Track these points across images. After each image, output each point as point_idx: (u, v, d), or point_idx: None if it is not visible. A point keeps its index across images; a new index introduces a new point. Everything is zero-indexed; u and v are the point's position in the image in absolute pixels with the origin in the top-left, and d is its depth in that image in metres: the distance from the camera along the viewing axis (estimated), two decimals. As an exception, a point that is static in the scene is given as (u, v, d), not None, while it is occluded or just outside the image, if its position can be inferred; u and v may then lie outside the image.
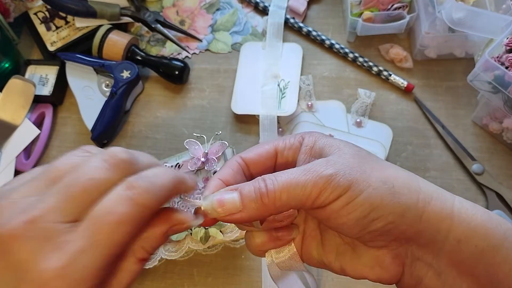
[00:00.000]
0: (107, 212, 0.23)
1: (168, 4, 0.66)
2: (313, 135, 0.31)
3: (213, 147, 0.48)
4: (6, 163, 0.56)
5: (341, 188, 0.27)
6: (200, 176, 0.48)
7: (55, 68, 0.60)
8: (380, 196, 0.28)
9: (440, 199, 0.29)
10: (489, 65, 0.48)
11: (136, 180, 0.24)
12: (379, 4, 0.58)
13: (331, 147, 0.30)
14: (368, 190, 0.27)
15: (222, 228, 0.46)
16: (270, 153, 0.32)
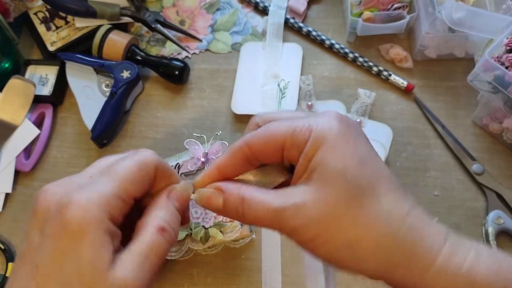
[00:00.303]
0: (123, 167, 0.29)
1: (168, 4, 0.67)
2: (315, 144, 0.29)
3: (213, 147, 0.48)
4: (6, 163, 0.56)
5: (302, 239, 0.29)
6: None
7: (55, 68, 0.60)
8: (337, 256, 0.28)
9: (410, 265, 0.27)
10: (489, 65, 0.48)
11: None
12: (379, 4, 0.58)
13: (322, 172, 0.28)
14: (326, 248, 0.28)
15: (222, 228, 0.46)
16: (277, 146, 0.31)
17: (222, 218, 0.46)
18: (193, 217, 0.47)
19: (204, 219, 0.47)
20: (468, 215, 0.52)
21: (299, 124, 0.30)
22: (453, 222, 0.52)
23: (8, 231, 0.55)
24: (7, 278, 0.52)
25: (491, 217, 0.51)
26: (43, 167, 0.58)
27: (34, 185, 0.57)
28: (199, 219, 0.47)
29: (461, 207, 0.53)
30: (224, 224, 0.46)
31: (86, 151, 0.58)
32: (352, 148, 0.29)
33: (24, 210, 0.56)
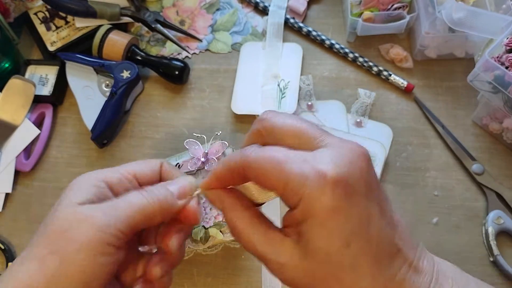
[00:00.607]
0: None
1: (168, 4, 0.67)
2: (304, 214, 0.28)
3: (213, 147, 0.48)
4: (6, 163, 0.56)
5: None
6: (200, 176, 0.48)
7: (55, 68, 0.60)
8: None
9: None
10: (489, 65, 0.48)
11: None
12: (379, 4, 0.58)
13: (306, 245, 0.28)
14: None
15: (222, 228, 0.46)
16: (270, 186, 0.30)
17: (222, 218, 0.46)
18: None
19: (204, 219, 0.46)
20: (468, 215, 0.52)
21: (292, 178, 0.28)
22: (453, 222, 0.52)
23: (8, 231, 0.55)
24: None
25: (491, 217, 0.51)
26: (43, 167, 0.58)
27: (34, 185, 0.57)
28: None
29: (461, 207, 0.53)
30: (224, 224, 0.46)
31: (86, 151, 0.58)
32: (341, 226, 0.27)
33: (24, 210, 0.56)
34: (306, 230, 0.28)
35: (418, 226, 0.52)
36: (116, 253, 0.31)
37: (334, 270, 0.28)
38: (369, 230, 0.28)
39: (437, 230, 0.52)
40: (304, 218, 0.28)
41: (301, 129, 0.30)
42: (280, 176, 0.28)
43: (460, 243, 0.51)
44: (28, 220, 0.55)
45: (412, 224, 0.52)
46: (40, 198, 0.56)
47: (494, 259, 0.50)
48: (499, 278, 0.49)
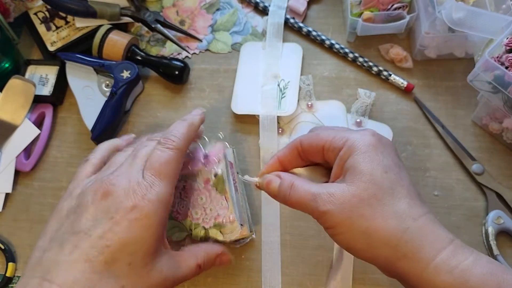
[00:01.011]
0: (156, 160, 0.39)
1: (168, 4, 0.67)
2: (349, 151, 0.37)
3: (214, 148, 0.48)
4: (6, 163, 0.56)
5: (327, 224, 0.36)
6: (201, 176, 0.47)
7: (55, 68, 0.61)
8: (355, 242, 0.35)
9: (413, 259, 0.33)
10: (489, 65, 0.48)
11: (162, 137, 0.42)
12: (379, 4, 0.58)
13: (353, 174, 0.36)
14: (346, 235, 0.35)
15: (222, 229, 0.46)
16: (319, 148, 0.39)
17: (222, 219, 0.46)
18: (193, 217, 0.47)
19: (204, 220, 0.46)
20: (468, 215, 0.52)
21: (339, 133, 0.38)
22: (453, 221, 0.52)
23: (8, 231, 0.55)
24: (7, 278, 0.52)
25: (491, 217, 0.51)
26: (43, 167, 0.58)
27: (34, 185, 0.57)
28: (199, 220, 0.47)
29: (461, 207, 0.53)
30: (224, 225, 0.46)
31: (86, 151, 0.58)
32: (379, 157, 0.36)
33: (24, 210, 0.56)
34: (351, 162, 0.36)
35: (418, 226, 0.52)
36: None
37: (376, 190, 0.35)
38: (401, 173, 0.36)
39: (437, 230, 0.52)
40: (349, 153, 0.36)
41: (344, 127, 0.43)
42: (328, 134, 0.39)
43: (460, 243, 0.51)
44: (28, 220, 0.55)
45: (412, 224, 0.52)
46: (40, 198, 0.56)
47: (494, 259, 0.50)
48: (499, 278, 0.49)
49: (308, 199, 0.37)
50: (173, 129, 0.43)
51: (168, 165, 0.39)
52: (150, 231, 0.37)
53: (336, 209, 0.35)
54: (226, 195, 0.46)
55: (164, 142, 0.41)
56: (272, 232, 0.52)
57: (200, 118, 0.46)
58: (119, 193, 0.37)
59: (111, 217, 0.36)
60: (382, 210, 0.34)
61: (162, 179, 0.39)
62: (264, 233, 0.52)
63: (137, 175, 0.38)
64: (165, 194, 0.38)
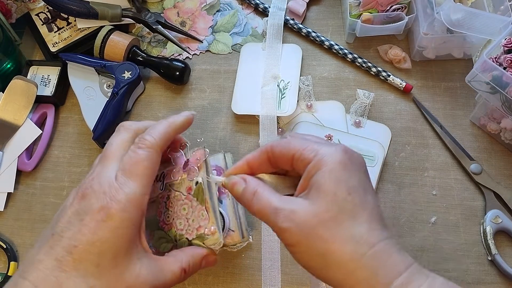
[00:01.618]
0: (127, 161, 0.39)
1: (169, 6, 0.67)
2: (317, 165, 0.36)
3: (195, 155, 0.45)
4: (8, 163, 0.57)
5: (287, 242, 0.35)
6: (184, 185, 0.44)
7: (57, 68, 0.61)
8: (313, 263, 0.34)
9: (369, 285, 0.32)
10: (487, 65, 0.48)
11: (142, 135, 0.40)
12: (378, 6, 0.58)
13: (317, 191, 0.35)
14: (304, 254, 0.35)
15: (204, 240, 0.42)
16: (289, 156, 0.38)
17: (204, 230, 0.43)
18: (178, 228, 0.44)
19: (187, 231, 0.44)
20: (466, 214, 0.53)
21: (310, 145, 0.37)
22: (451, 221, 0.53)
23: (10, 231, 0.55)
24: (9, 277, 0.52)
25: (489, 216, 0.51)
26: (45, 167, 0.58)
27: (36, 184, 0.57)
28: (183, 231, 0.44)
29: (459, 207, 0.53)
30: (205, 237, 0.43)
31: (87, 151, 0.59)
32: (346, 177, 0.35)
33: (26, 209, 0.56)
34: (318, 178, 0.35)
35: (417, 225, 0.52)
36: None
37: (337, 213, 0.34)
38: (366, 195, 0.35)
39: (436, 229, 0.52)
40: (317, 168, 0.35)
41: (318, 138, 0.40)
42: (300, 144, 0.37)
43: (458, 242, 0.52)
44: (30, 219, 0.56)
45: (411, 223, 0.53)
46: (42, 197, 0.57)
47: (492, 258, 0.50)
48: (497, 277, 0.50)
49: (269, 211, 0.36)
50: (150, 128, 0.42)
51: (140, 164, 0.38)
52: (118, 232, 0.36)
53: (295, 228, 0.34)
54: (207, 205, 0.43)
55: (138, 141, 0.40)
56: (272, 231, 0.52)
57: (185, 119, 0.44)
58: (91, 195, 0.37)
59: (81, 219, 0.36)
60: (340, 234, 0.33)
61: (134, 179, 0.38)
62: (264, 232, 0.52)
63: (109, 176, 0.38)
64: (136, 194, 0.37)
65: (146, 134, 0.41)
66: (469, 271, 0.50)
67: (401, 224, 0.53)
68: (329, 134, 0.56)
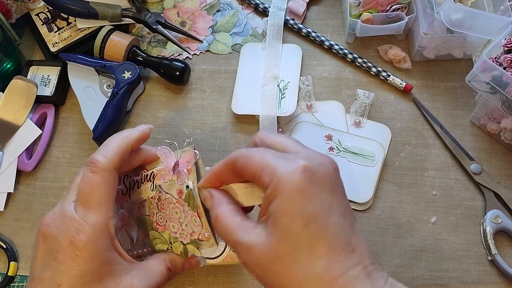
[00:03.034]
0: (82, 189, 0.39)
1: (169, 6, 0.67)
2: (274, 191, 0.32)
3: (185, 156, 0.42)
4: (8, 163, 0.57)
5: (250, 273, 0.34)
6: (174, 187, 0.43)
7: (56, 68, 0.61)
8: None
9: None
10: (487, 65, 0.48)
11: (89, 158, 0.39)
12: (377, 6, 0.58)
13: (274, 221, 0.32)
14: (265, 285, 0.33)
15: (199, 245, 0.43)
16: (251, 174, 0.35)
17: (198, 236, 0.42)
18: (171, 231, 0.44)
19: (181, 235, 0.43)
20: (466, 214, 0.53)
21: (270, 163, 0.33)
22: (451, 221, 0.53)
23: (10, 231, 0.55)
24: (9, 277, 0.52)
25: (489, 216, 0.51)
26: (45, 167, 0.58)
27: (36, 184, 0.57)
28: (177, 234, 0.43)
29: (459, 207, 0.53)
30: (200, 242, 0.43)
31: (87, 151, 0.59)
32: (304, 205, 0.32)
33: (26, 209, 0.56)
34: (274, 208, 0.32)
35: (417, 225, 0.52)
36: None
37: (292, 248, 0.31)
38: (328, 220, 0.32)
39: (436, 229, 0.52)
40: (274, 196, 0.32)
41: (286, 141, 0.37)
42: (260, 161, 0.34)
43: (458, 242, 0.52)
44: (30, 219, 0.56)
45: (411, 223, 0.53)
46: (42, 197, 0.57)
47: (492, 258, 0.50)
48: (497, 277, 0.50)
49: (229, 241, 0.35)
50: (102, 147, 0.41)
51: (96, 192, 0.38)
52: (95, 261, 0.37)
53: (252, 263, 0.33)
54: (199, 210, 0.41)
55: (89, 164, 0.39)
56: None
57: (141, 133, 0.43)
58: (55, 233, 0.37)
59: (54, 257, 0.37)
60: (296, 271, 0.31)
61: (93, 209, 0.38)
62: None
63: (69, 209, 0.38)
64: (99, 223, 0.38)
65: (97, 154, 0.39)
66: (469, 271, 0.50)
67: (401, 224, 0.53)
68: (329, 134, 0.56)
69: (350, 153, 0.55)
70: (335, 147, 0.55)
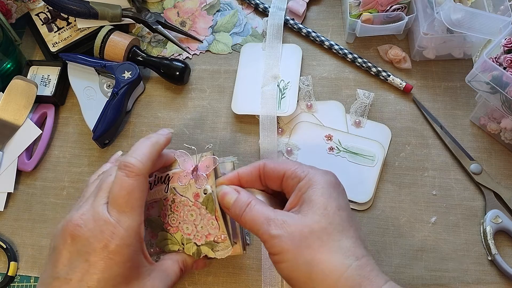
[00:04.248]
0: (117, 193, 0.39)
1: (169, 6, 0.67)
2: (311, 183, 0.38)
3: (204, 161, 0.44)
4: (8, 163, 0.57)
5: (274, 250, 0.36)
6: (190, 190, 0.44)
7: (57, 68, 0.61)
8: (297, 272, 0.35)
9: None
10: (487, 65, 0.49)
11: (122, 161, 0.40)
12: (378, 6, 0.58)
13: (308, 205, 0.37)
14: (290, 263, 0.35)
15: (214, 247, 0.45)
16: (280, 174, 0.41)
17: (214, 238, 0.44)
18: (185, 232, 0.45)
19: (196, 236, 0.45)
20: (466, 214, 0.53)
21: (302, 166, 0.40)
22: (451, 221, 0.53)
23: (10, 231, 0.55)
24: (9, 277, 0.52)
25: (489, 216, 0.51)
26: (45, 167, 0.58)
27: (36, 184, 0.57)
28: (190, 236, 0.45)
29: (459, 207, 0.53)
30: (215, 244, 0.44)
31: (87, 151, 0.59)
32: (335, 195, 0.38)
33: (26, 209, 0.56)
34: (309, 194, 0.38)
35: (417, 225, 0.52)
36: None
37: (327, 225, 0.36)
38: (352, 215, 0.39)
39: (436, 229, 0.52)
40: (309, 186, 0.38)
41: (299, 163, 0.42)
42: (292, 164, 0.41)
43: (458, 242, 0.52)
44: (30, 219, 0.56)
45: (411, 223, 0.53)
46: (42, 197, 0.57)
47: (492, 258, 0.50)
48: (497, 277, 0.50)
49: (261, 221, 0.37)
50: (134, 151, 0.41)
51: (131, 195, 0.38)
52: (127, 265, 0.37)
53: (286, 235, 0.36)
54: (217, 214, 0.43)
55: (124, 168, 0.39)
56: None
57: (167, 138, 0.44)
58: (87, 234, 0.37)
59: (86, 259, 0.36)
60: (329, 245, 0.35)
61: (128, 212, 0.38)
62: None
63: (102, 212, 0.38)
64: (133, 227, 0.38)
65: (130, 157, 0.40)
66: (469, 271, 0.50)
67: (401, 224, 0.53)
68: (329, 134, 0.56)
69: (350, 153, 0.55)
70: (335, 147, 0.55)
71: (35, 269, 0.53)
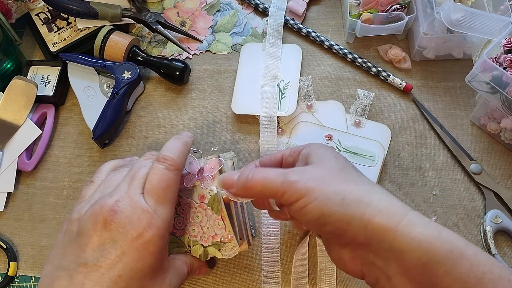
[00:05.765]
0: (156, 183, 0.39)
1: (169, 6, 0.67)
2: (310, 146, 0.40)
3: (209, 163, 0.45)
4: (8, 163, 0.57)
5: (299, 193, 0.35)
6: (196, 192, 0.45)
7: (57, 68, 0.61)
8: (329, 204, 0.34)
9: (388, 214, 0.33)
10: (487, 65, 0.49)
11: (161, 155, 0.40)
12: (377, 5, 0.58)
13: (316, 156, 0.38)
14: (320, 199, 0.34)
15: (221, 247, 0.45)
16: (278, 159, 0.42)
17: (220, 239, 0.44)
18: (191, 234, 0.45)
19: (202, 238, 0.45)
20: (466, 214, 0.53)
21: (296, 146, 0.42)
22: (451, 221, 0.53)
23: (10, 231, 0.55)
24: (9, 277, 0.52)
25: (489, 216, 0.51)
26: (45, 167, 0.58)
27: (36, 184, 0.57)
28: (197, 237, 0.45)
29: (459, 207, 0.53)
30: (222, 244, 0.45)
31: (87, 151, 0.59)
32: (331, 150, 0.40)
33: (26, 209, 0.56)
34: (314, 151, 0.40)
35: (417, 225, 0.52)
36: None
37: (344, 165, 0.38)
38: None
39: (436, 229, 0.52)
40: (310, 148, 0.40)
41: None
42: (286, 149, 0.43)
43: (458, 242, 0.52)
44: (30, 219, 0.56)
45: (411, 223, 0.53)
46: (42, 197, 0.57)
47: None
48: (497, 276, 0.50)
49: (275, 175, 0.36)
50: (170, 146, 0.41)
51: (169, 188, 0.39)
52: (158, 256, 0.37)
53: (308, 177, 0.36)
54: (223, 214, 0.44)
55: (163, 161, 0.40)
56: (272, 231, 0.52)
57: (192, 141, 0.45)
58: (123, 220, 0.36)
59: (120, 246, 0.35)
60: (352, 177, 0.36)
61: (165, 203, 0.38)
62: (264, 232, 0.52)
63: (139, 200, 0.37)
64: (168, 218, 0.38)
65: (169, 152, 0.40)
66: (469, 271, 0.50)
67: (401, 224, 0.53)
68: (329, 134, 0.56)
69: (350, 153, 0.55)
70: (335, 147, 0.55)
71: (35, 269, 0.53)
